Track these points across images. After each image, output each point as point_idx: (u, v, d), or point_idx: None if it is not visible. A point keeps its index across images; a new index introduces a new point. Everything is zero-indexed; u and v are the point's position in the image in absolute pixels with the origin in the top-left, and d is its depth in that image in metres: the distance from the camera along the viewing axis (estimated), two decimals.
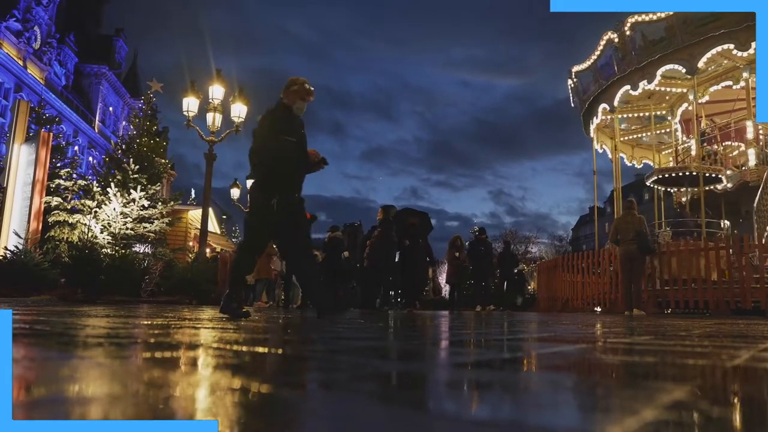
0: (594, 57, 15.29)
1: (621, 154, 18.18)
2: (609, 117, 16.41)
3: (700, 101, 14.70)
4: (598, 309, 12.26)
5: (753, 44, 11.76)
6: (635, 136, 18.22)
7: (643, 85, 14.10)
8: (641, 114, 16.88)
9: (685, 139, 16.38)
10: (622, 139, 18.10)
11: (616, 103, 15.16)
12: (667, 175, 14.16)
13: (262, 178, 4.35)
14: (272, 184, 4.27)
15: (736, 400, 0.97)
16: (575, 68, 16.43)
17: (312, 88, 4.48)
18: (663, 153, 17.87)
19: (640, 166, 19.19)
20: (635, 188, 36.77)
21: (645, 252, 9.07)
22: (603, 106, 15.82)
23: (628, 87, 14.48)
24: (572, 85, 17.20)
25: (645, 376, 1.25)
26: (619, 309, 10.16)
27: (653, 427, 0.69)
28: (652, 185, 15.17)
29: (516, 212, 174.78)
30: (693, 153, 14.03)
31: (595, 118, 16.57)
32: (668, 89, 15.31)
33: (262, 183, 4.34)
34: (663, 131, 17.26)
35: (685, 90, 15.12)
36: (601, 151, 18.00)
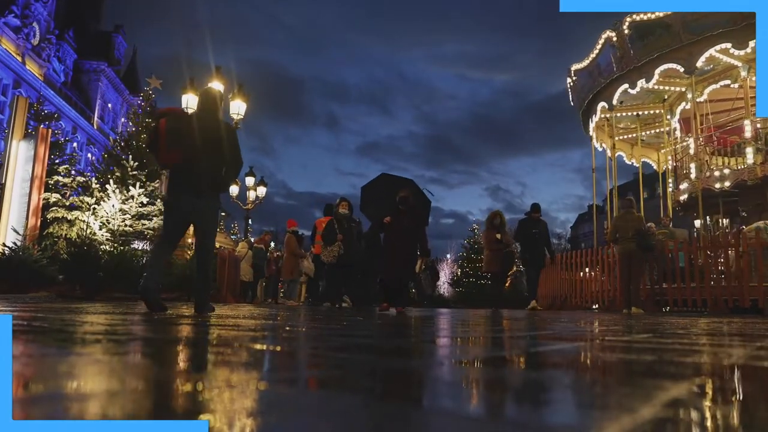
0: (593, 55, 15.22)
1: (620, 152, 18.14)
2: (608, 115, 16.27)
3: (698, 100, 14.56)
4: (595, 307, 12.28)
5: (751, 43, 11.67)
6: (633, 135, 18.15)
7: (641, 84, 14.05)
8: (640, 113, 16.84)
9: (684, 137, 16.32)
10: (621, 137, 18.06)
11: (615, 102, 15.18)
12: None
13: None
14: None
15: (733, 398, 0.97)
16: (574, 66, 16.45)
17: None
18: (662, 152, 17.85)
19: (639, 165, 19.14)
20: (633, 186, 36.72)
21: (644, 250, 9.08)
22: (602, 104, 15.81)
23: (626, 86, 14.47)
24: (571, 84, 17.21)
25: (643, 373, 1.25)
26: (617, 307, 10.17)
27: (651, 425, 0.69)
28: None
29: (515, 209, 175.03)
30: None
31: (594, 116, 16.55)
32: (667, 88, 15.26)
33: None
34: (661, 130, 17.21)
35: (683, 89, 15.05)
36: (600, 149, 17.92)
